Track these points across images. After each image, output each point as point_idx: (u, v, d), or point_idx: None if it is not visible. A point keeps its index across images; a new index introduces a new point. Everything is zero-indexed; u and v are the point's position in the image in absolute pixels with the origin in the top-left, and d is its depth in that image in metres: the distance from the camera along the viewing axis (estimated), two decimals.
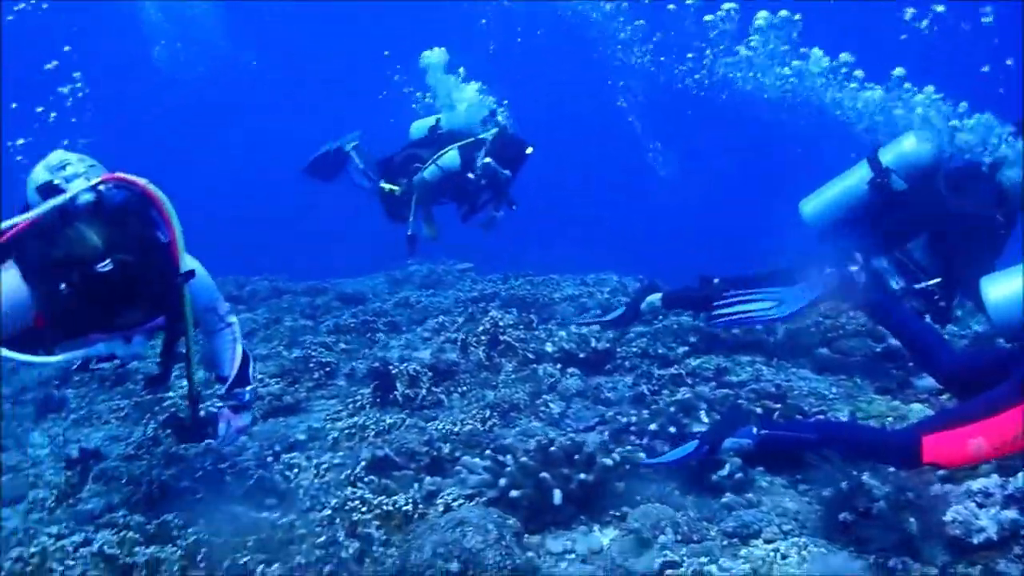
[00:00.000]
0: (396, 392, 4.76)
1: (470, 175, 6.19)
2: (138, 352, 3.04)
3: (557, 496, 3.08)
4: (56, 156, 3.13)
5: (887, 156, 4.75)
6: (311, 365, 5.60)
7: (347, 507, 3.19)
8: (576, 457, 3.27)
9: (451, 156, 6.20)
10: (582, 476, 3.17)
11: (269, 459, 4.10)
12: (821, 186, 5.08)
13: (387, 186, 6.62)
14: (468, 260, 9.93)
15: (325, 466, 3.87)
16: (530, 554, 2.82)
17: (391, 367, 4.91)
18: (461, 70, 6.91)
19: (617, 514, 3.17)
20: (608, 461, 3.25)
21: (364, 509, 3.17)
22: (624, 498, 3.24)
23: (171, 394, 5.24)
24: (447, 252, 10.06)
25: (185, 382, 3.72)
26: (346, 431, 4.31)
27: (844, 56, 5.65)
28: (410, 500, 3.25)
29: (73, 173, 3.00)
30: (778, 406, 3.99)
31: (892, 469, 3.05)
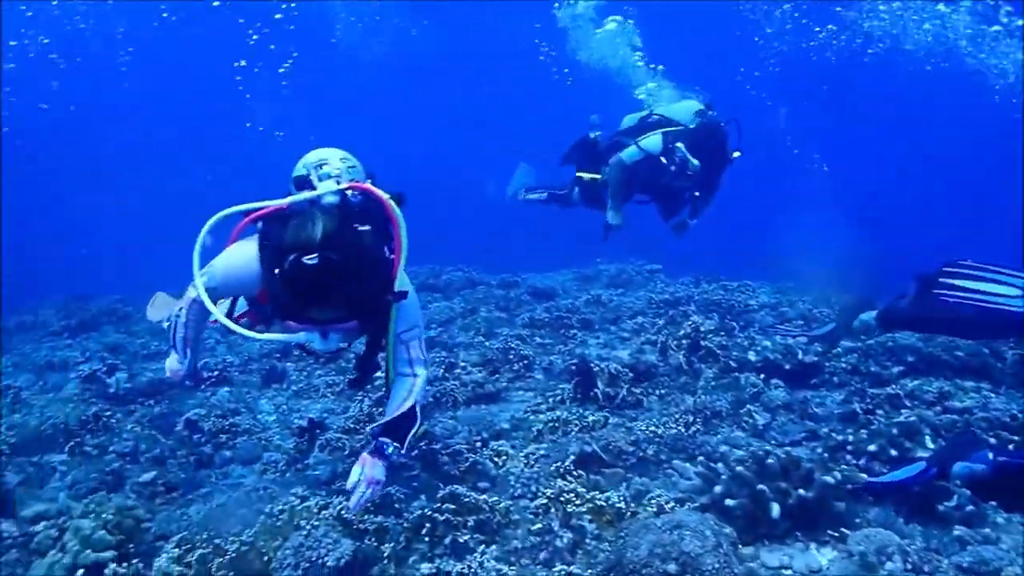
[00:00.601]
0: (596, 390, 4.85)
1: (663, 159, 5.97)
2: (331, 350, 3.04)
3: (775, 510, 3.04)
4: (316, 154, 3.39)
5: None
6: (510, 357, 5.80)
7: (562, 498, 3.29)
8: (793, 472, 3.21)
9: (654, 139, 6.03)
10: (801, 492, 3.10)
11: (478, 444, 4.31)
12: None
13: (586, 175, 6.61)
14: (656, 261, 9.87)
15: (534, 456, 4.01)
16: (751, 564, 2.81)
17: (592, 365, 5.00)
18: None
19: (836, 534, 3.07)
20: (829, 479, 3.16)
21: (578, 502, 3.27)
22: (843, 519, 3.13)
23: (380, 373, 5.60)
24: (634, 251, 10.04)
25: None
26: (549, 424, 4.44)
27: None
28: (622, 498, 3.32)
29: (327, 173, 3.24)
30: (1015, 438, 3.69)
31: None
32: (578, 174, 6.75)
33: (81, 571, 3.02)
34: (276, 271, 2.75)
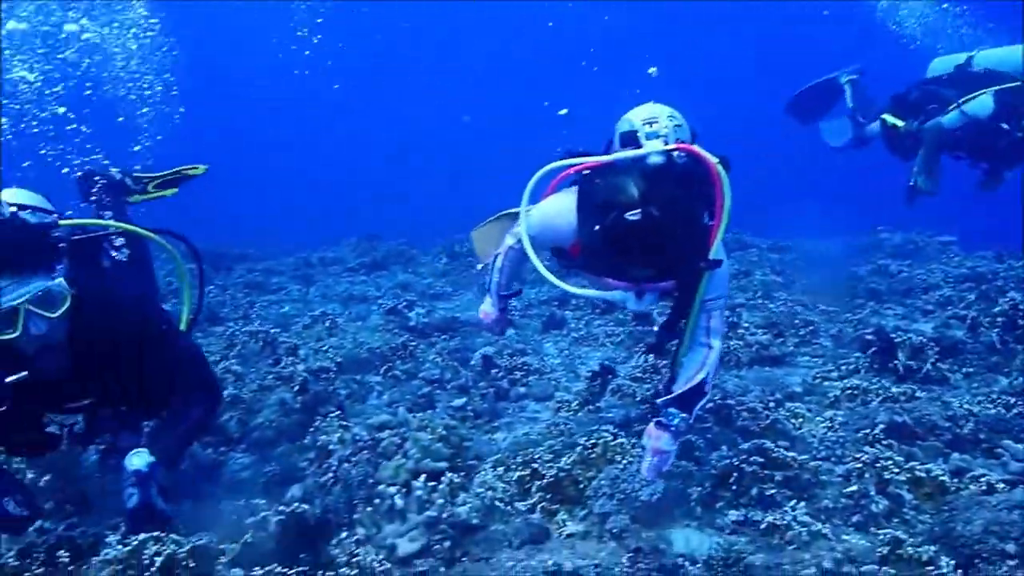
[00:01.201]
0: (896, 361, 4.64)
1: (1004, 125, 5.26)
2: (644, 310, 3.07)
3: None
4: (647, 109, 3.30)
5: None
6: (796, 322, 5.69)
7: (878, 464, 3.24)
8: None
9: (982, 101, 5.32)
10: None
11: (772, 404, 4.30)
12: None
13: (890, 119, 6.10)
14: (950, 232, 9.06)
15: (835, 421, 3.96)
16: None
17: (892, 336, 4.78)
18: None
19: None
20: None
21: (896, 470, 3.20)
22: None
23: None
24: (924, 221, 9.26)
25: None
26: (847, 391, 4.34)
27: None
28: (946, 472, 3.21)
29: (655, 131, 3.12)
30: None
31: None
32: (882, 116, 6.26)
33: (423, 476, 3.45)
34: (597, 227, 2.77)
